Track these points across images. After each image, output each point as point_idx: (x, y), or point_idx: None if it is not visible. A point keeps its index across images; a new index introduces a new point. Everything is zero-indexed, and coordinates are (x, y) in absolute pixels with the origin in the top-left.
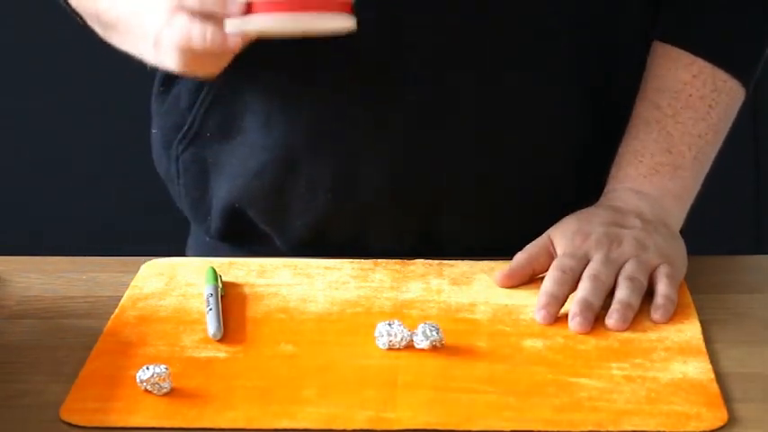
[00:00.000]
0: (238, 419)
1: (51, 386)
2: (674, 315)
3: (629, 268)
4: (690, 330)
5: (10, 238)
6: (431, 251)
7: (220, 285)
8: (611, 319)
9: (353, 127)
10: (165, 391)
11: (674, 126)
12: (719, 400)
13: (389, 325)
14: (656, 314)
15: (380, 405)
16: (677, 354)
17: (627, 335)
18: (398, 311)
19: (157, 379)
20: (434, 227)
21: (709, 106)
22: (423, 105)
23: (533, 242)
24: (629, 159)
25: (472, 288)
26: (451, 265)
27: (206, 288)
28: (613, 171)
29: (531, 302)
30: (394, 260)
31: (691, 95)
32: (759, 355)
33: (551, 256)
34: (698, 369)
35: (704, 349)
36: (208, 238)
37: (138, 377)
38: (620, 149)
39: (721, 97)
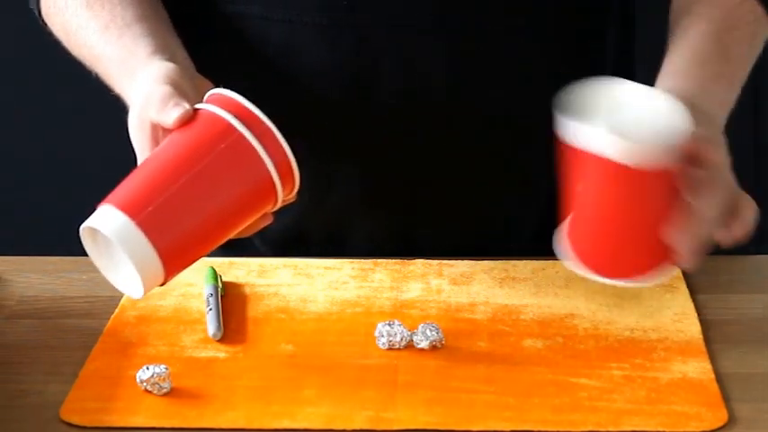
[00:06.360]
0: (238, 419)
1: (51, 386)
2: (674, 315)
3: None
4: (690, 330)
5: (10, 238)
6: (409, 251)
7: (220, 285)
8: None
9: (329, 128)
10: (165, 391)
11: (728, 37)
12: (719, 400)
13: (389, 325)
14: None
15: (380, 405)
16: (677, 354)
17: (627, 335)
18: (398, 311)
19: (157, 379)
20: (412, 227)
21: (753, 33)
22: (396, 108)
23: None
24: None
25: (472, 288)
26: (451, 265)
27: (206, 288)
28: (669, 81)
29: (531, 302)
30: (394, 260)
31: (740, 18)
32: (759, 355)
33: None
34: (698, 369)
35: (704, 349)
36: None
37: (138, 377)
38: (669, 62)
39: (759, 29)
